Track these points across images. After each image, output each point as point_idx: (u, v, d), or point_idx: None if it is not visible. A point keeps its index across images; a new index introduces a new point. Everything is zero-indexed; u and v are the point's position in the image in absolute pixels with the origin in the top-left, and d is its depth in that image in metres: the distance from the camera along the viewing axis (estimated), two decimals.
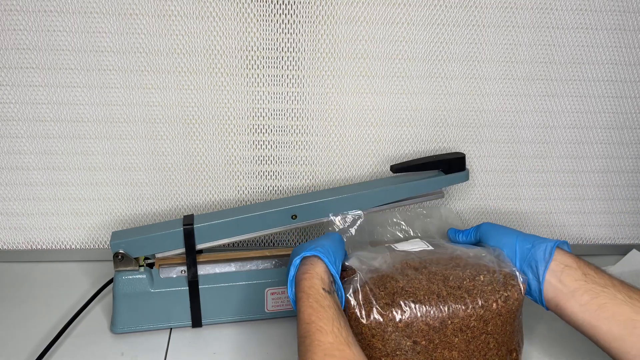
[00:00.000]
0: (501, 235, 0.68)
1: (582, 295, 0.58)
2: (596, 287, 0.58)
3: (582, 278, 0.59)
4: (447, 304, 0.60)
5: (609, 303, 0.56)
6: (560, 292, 0.60)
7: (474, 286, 0.61)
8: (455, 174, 0.78)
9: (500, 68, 0.82)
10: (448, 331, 0.60)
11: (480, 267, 0.63)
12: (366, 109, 0.82)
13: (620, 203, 0.94)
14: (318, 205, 0.74)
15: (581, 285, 0.59)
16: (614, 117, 0.87)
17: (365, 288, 0.61)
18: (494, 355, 0.63)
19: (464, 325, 0.60)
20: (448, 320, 0.60)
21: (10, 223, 0.85)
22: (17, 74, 0.76)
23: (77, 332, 0.73)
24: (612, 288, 0.58)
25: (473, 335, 0.61)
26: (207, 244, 0.72)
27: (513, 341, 0.64)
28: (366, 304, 0.59)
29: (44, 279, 0.83)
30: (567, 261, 0.61)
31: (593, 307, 0.57)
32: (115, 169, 0.82)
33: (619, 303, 0.56)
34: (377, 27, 0.77)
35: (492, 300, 0.61)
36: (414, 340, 0.60)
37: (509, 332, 0.63)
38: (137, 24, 0.74)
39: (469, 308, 0.60)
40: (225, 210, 0.75)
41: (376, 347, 0.60)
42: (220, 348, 0.71)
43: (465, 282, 0.62)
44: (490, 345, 0.62)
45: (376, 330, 0.59)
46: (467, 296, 0.61)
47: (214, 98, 0.79)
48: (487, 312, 0.61)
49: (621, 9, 0.79)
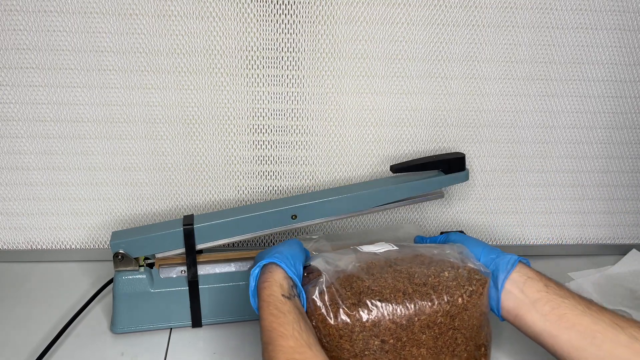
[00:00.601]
0: (469, 244, 0.69)
1: (544, 305, 0.59)
2: (557, 298, 0.59)
3: (544, 289, 0.61)
4: (413, 301, 0.60)
5: (569, 314, 0.58)
6: (521, 302, 0.61)
7: (439, 282, 0.62)
8: (455, 174, 0.78)
9: (500, 68, 0.82)
10: (415, 328, 0.61)
11: (445, 264, 0.64)
12: (366, 109, 0.82)
13: (620, 203, 0.94)
14: (318, 205, 0.74)
15: (543, 295, 0.60)
16: (614, 117, 0.87)
17: (331, 289, 0.61)
18: (463, 350, 0.63)
19: (431, 322, 0.61)
20: (415, 317, 0.60)
21: (10, 223, 0.85)
22: (17, 74, 0.76)
23: (77, 332, 0.73)
24: (572, 299, 0.59)
25: (440, 331, 0.62)
26: (207, 244, 0.72)
27: (481, 336, 0.65)
28: (333, 305, 0.60)
29: (44, 279, 0.84)
30: (530, 273, 0.63)
31: (554, 318, 0.58)
32: (115, 169, 0.82)
33: (579, 314, 0.57)
34: (377, 27, 0.77)
35: (457, 295, 0.61)
36: (382, 339, 0.60)
37: (476, 326, 0.64)
38: (137, 24, 0.74)
39: (435, 304, 0.61)
40: (225, 210, 0.75)
41: (344, 348, 0.60)
42: (220, 348, 0.71)
43: (430, 279, 0.62)
44: (458, 340, 0.63)
45: (344, 331, 0.59)
46: (433, 292, 0.61)
47: (214, 98, 0.79)
48: (453, 308, 0.61)
49: (621, 9, 0.79)
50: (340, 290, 0.61)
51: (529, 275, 0.63)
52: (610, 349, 0.54)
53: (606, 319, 0.56)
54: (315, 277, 0.63)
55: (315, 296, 0.60)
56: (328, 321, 0.59)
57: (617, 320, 0.55)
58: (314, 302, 0.60)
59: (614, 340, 0.54)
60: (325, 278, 0.62)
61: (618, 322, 0.55)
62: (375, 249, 0.68)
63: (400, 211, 0.91)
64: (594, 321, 0.56)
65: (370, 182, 0.80)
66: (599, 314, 0.57)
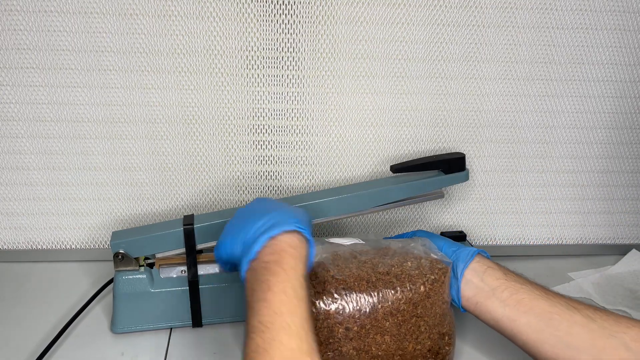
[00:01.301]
0: (433, 239, 0.71)
1: (503, 291, 0.61)
2: (515, 285, 0.62)
3: (503, 277, 0.63)
4: (376, 289, 0.62)
5: (526, 298, 0.60)
6: (481, 290, 0.63)
7: (402, 271, 0.64)
8: (455, 174, 0.78)
9: (500, 68, 0.82)
10: (379, 315, 0.62)
11: (408, 255, 0.66)
12: (366, 109, 0.82)
13: (620, 203, 0.94)
14: (318, 205, 0.74)
15: (502, 283, 0.62)
16: (614, 117, 0.87)
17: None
18: (426, 338, 0.64)
19: (394, 309, 0.62)
20: (378, 304, 0.62)
21: (10, 223, 0.85)
22: (17, 74, 0.76)
23: (77, 332, 0.73)
24: (529, 285, 0.62)
25: (404, 318, 0.63)
26: (208, 244, 0.72)
27: (444, 324, 0.66)
28: None
29: (44, 279, 0.83)
30: (490, 264, 0.65)
31: (513, 302, 0.60)
32: (115, 169, 0.82)
33: (536, 297, 0.59)
34: (377, 27, 0.77)
35: (419, 283, 0.63)
36: (346, 326, 0.61)
37: (439, 314, 0.65)
38: (137, 24, 0.74)
39: (397, 292, 0.62)
40: (225, 210, 0.75)
41: None
42: (220, 348, 0.71)
43: (393, 269, 0.64)
44: (422, 328, 0.64)
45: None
46: (396, 280, 0.63)
47: (214, 98, 0.79)
48: (415, 295, 0.63)
49: (621, 9, 0.79)
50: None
51: (489, 265, 0.65)
52: (567, 328, 0.56)
53: (562, 302, 0.58)
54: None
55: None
56: None
57: (572, 303, 0.58)
58: None
59: (570, 320, 0.56)
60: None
61: (574, 305, 0.57)
62: (343, 242, 0.69)
63: (400, 211, 0.91)
64: (551, 304, 0.58)
65: (370, 182, 0.80)
66: (555, 298, 0.59)
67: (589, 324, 0.55)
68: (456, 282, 0.65)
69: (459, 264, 0.66)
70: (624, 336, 0.53)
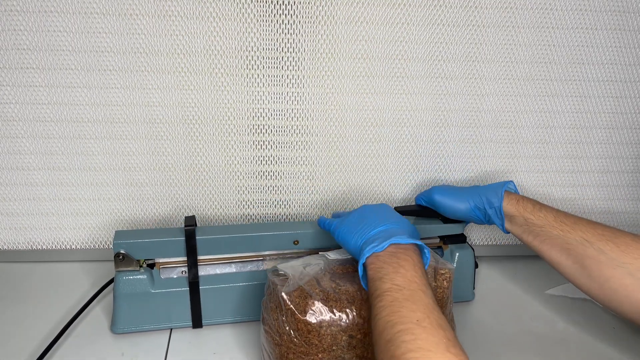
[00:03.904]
0: (450, 189, 0.78)
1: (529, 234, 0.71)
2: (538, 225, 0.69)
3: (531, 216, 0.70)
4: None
5: (547, 240, 0.68)
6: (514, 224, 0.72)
7: None
8: (452, 224, 0.80)
9: (500, 68, 0.82)
10: None
11: None
12: (366, 109, 0.82)
13: (620, 203, 0.94)
14: (320, 234, 0.75)
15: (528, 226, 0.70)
16: (614, 117, 0.87)
17: (301, 286, 0.62)
18: None
19: None
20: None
21: (10, 223, 0.85)
22: (18, 74, 0.76)
23: (77, 332, 0.73)
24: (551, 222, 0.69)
25: None
26: (208, 257, 0.74)
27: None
28: (301, 301, 0.61)
29: (44, 279, 0.84)
30: (518, 197, 0.72)
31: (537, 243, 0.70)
32: (115, 169, 0.82)
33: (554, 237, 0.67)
34: (377, 28, 0.77)
35: None
36: (350, 334, 0.61)
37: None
38: (137, 24, 0.74)
39: None
40: (229, 225, 0.77)
41: (313, 343, 0.61)
42: (220, 348, 0.71)
43: None
44: None
45: (312, 326, 0.60)
46: None
47: (214, 98, 0.79)
48: None
49: (621, 9, 0.79)
50: (307, 288, 0.62)
51: (518, 198, 0.71)
52: (581, 260, 0.64)
53: (577, 238, 0.65)
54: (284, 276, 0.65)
55: (284, 292, 0.62)
56: (297, 316, 0.60)
57: (588, 236, 0.64)
58: (283, 299, 0.61)
59: (583, 254, 0.64)
60: (295, 279, 0.63)
61: (588, 238, 0.64)
62: (343, 256, 0.69)
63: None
64: (566, 241, 0.66)
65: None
66: (571, 233, 0.66)
67: (599, 256, 0.62)
68: (496, 210, 0.72)
69: (493, 196, 0.72)
70: (629, 266, 0.60)
